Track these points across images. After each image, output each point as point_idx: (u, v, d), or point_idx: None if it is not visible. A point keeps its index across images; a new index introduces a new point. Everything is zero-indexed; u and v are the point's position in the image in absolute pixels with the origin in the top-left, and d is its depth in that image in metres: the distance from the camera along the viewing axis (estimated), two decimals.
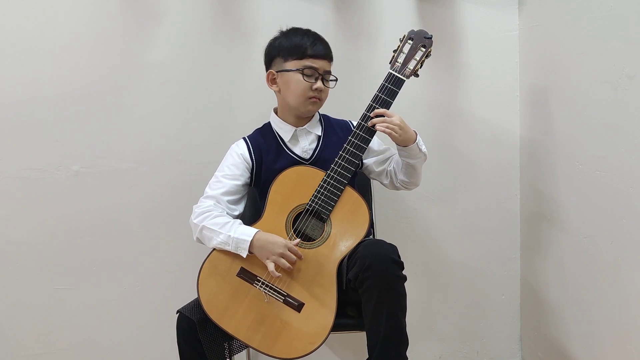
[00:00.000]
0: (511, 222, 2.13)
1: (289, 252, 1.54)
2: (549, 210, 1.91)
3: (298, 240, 1.58)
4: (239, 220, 1.62)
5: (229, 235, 1.56)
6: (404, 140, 1.61)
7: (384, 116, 1.59)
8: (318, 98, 1.67)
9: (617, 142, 1.52)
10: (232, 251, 1.57)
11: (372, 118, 1.59)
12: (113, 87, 1.99)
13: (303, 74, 1.63)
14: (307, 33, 1.68)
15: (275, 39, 1.71)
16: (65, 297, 2.07)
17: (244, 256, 1.56)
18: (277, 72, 1.68)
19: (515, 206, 2.13)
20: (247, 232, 1.57)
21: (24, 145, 2.00)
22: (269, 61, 1.72)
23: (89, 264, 2.06)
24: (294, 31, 1.69)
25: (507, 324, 2.19)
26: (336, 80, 1.70)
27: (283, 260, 1.53)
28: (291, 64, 1.64)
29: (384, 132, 1.58)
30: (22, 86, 1.97)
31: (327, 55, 1.67)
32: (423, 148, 1.67)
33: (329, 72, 1.68)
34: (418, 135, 1.65)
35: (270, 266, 1.53)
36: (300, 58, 1.64)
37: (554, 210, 1.88)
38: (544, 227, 1.96)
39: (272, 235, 1.57)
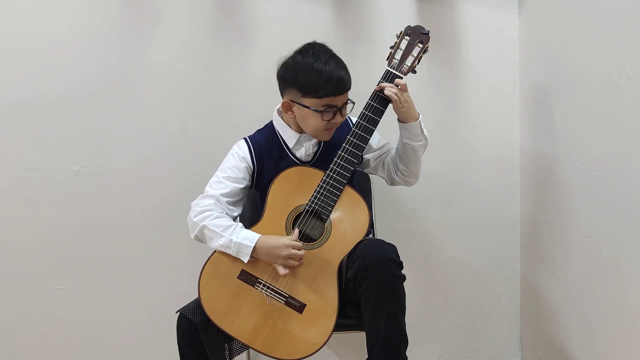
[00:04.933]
0: (511, 222, 2.13)
1: (294, 251, 1.54)
2: (549, 210, 1.91)
3: (297, 231, 1.57)
4: (241, 224, 1.61)
5: (231, 240, 1.55)
6: (405, 113, 1.60)
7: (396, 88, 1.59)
8: (334, 127, 1.64)
9: (617, 142, 1.52)
10: (233, 255, 1.56)
11: (370, 115, 1.59)
12: (113, 87, 1.99)
13: (322, 114, 1.58)
14: (327, 62, 1.55)
15: (292, 62, 1.59)
16: (65, 297, 2.07)
17: (246, 261, 1.56)
18: (292, 101, 1.61)
19: (515, 206, 2.13)
20: (249, 237, 1.56)
21: (24, 145, 2.00)
22: (284, 84, 1.63)
23: (89, 264, 2.06)
24: (313, 57, 1.56)
25: (507, 324, 2.19)
26: (353, 104, 1.64)
27: (291, 261, 1.55)
28: (309, 102, 1.57)
29: (389, 97, 1.56)
30: (22, 86, 1.97)
31: (346, 89, 1.60)
32: (425, 131, 1.66)
33: (347, 101, 1.62)
34: (421, 116, 1.64)
35: (281, 270, 1.54)
36: (319, 97, 1.56)
37: (554, 210, 1.88)
38: (544, 227, 1.96)
39: (274, 238, 1.56)
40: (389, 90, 1.57)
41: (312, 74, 1.55)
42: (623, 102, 1.48)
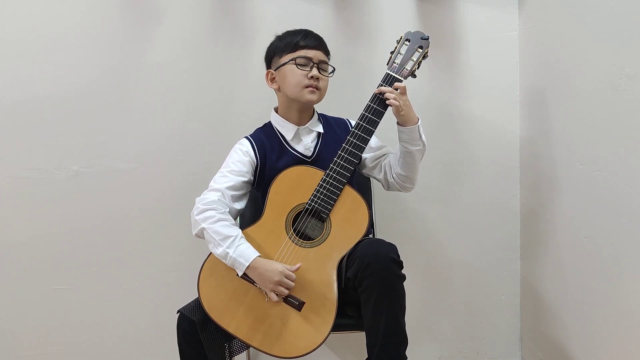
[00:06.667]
0: (511, 222, 2.13)
1: (285, 280, 1.54)
2: (549, 210, 1.91)
3: (298, 265, 1.57)
4: (240, 234, 1.58)
5: (227, 253, 1.54)
6: (404, 117, 1.61)
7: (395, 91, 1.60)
8: (316, 87, 1.67)
9: (617, 142, 1.52)
10: (229, 266, 1.56)
11: (370, 116, 1.59)
12: (113, 87, 2.00)
13: (296, 64, 1.65)
14: (300, 30, 1.71)
15: (271, 43, 1.75)
16: (65, 297, 2.07)
17: (240, 275, 1.55)
18: (274, 70, 1.70)
19: (515, 206, 2.13)
20: (245, 255, 1.54)
21: (24, 145, 2.00)
22: (268, 64, 1.76)
23: (89, 264, 2.06)
24: (288, 32, 1.73)
25: (507, 324, 2.19)
26: (334, 70, 1.71)
27: (281, 289, 1.54)
28: (285, 58, 1.67)
29: (390, 104, 1.58)
30: (22, 86, 1.97)
31: (320, 46, 1.70)
32: (423, 136, 1.66)
33: (325, 62, 1.70)
34: (420, 121, 1.65)
35: (272, 296, 1.54)
36: (294, 50, 1.67)
37: (554, 210, 1.88)
38: (544, 227, 1.96)
39: (270, 263, 1.56)
40: (389, 95, 1.58)
41: (286, 36, 1.71)
42: (623, 102, 1.48)
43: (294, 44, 1.67)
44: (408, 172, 1.69)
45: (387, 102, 1.58)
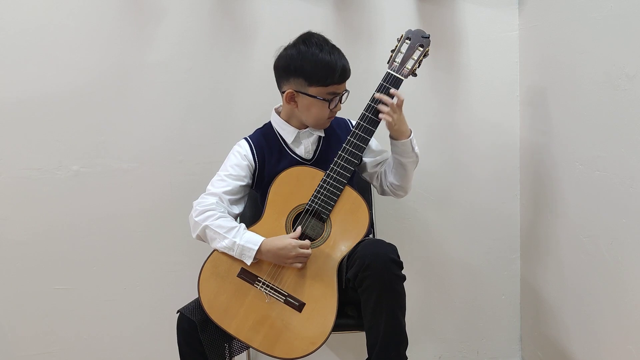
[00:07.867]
0: (511, 222, 2.13)
1: (302, 250, 1.55)
2: (549, 211, 1.91)
3: (299, 229, 1.58)
4: (243, 225, 1.61)
5: (234, 242, 1.56)
6: (397, 131, 1.60)
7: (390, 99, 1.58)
8: (334, 115, 1.68)
9: (617, 142, 1.52)
10: (236, 257, 1.57)
11: (371, 116, 1.59)
12: (113, 86, 1.99)
13: (329, 102, 1.62)
14: (331, 52, 1.59)
15: (297, 52, 1.60)
16: (65, 297, 2.07)
17: (249, 263, 1.56)
18: (296, 91, 1.62)
19: (515, 206, 2.13)
20: (253, 240, 1.56)
21: (24, 145, 2.00)
22: (286, 74, 1.63)
23: (89, 264, 2.07)
24: (317, 47, 1.59)
25: (507, 324, 2.19)
26: (348, 92, 1.67)
27: (302, 258, 1.56)
28: (315, 91, 1.60)
29: (383, 119, 1.57)
30: (22, 86, 1.97)
31: (348, 77, 1.64)
32: (416, 148, 1.66)
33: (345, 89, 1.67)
34: (412, 134, 1.64)
35: (298, 266, 1.56)
36: (326, 85, 1.60)
37: (554, 211, 1.88)
38: (544, 227, 1.96)
39: (279, 239, 1.56)
40: (383, 109, 1.57)
41: (318, 63, 1.58)
42: (623, 102, 1.48)
43: (328, 80, 1.58)
44: (401, 182, 1.69)
45: (380, 116, 1.57)
